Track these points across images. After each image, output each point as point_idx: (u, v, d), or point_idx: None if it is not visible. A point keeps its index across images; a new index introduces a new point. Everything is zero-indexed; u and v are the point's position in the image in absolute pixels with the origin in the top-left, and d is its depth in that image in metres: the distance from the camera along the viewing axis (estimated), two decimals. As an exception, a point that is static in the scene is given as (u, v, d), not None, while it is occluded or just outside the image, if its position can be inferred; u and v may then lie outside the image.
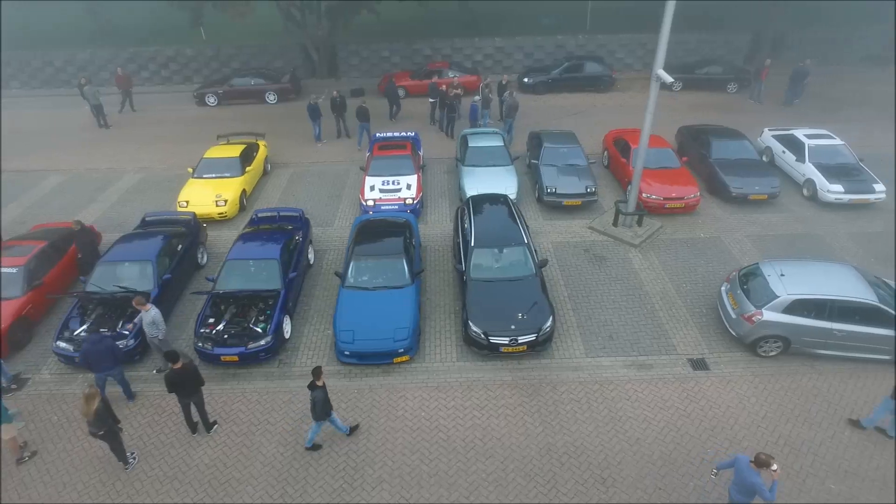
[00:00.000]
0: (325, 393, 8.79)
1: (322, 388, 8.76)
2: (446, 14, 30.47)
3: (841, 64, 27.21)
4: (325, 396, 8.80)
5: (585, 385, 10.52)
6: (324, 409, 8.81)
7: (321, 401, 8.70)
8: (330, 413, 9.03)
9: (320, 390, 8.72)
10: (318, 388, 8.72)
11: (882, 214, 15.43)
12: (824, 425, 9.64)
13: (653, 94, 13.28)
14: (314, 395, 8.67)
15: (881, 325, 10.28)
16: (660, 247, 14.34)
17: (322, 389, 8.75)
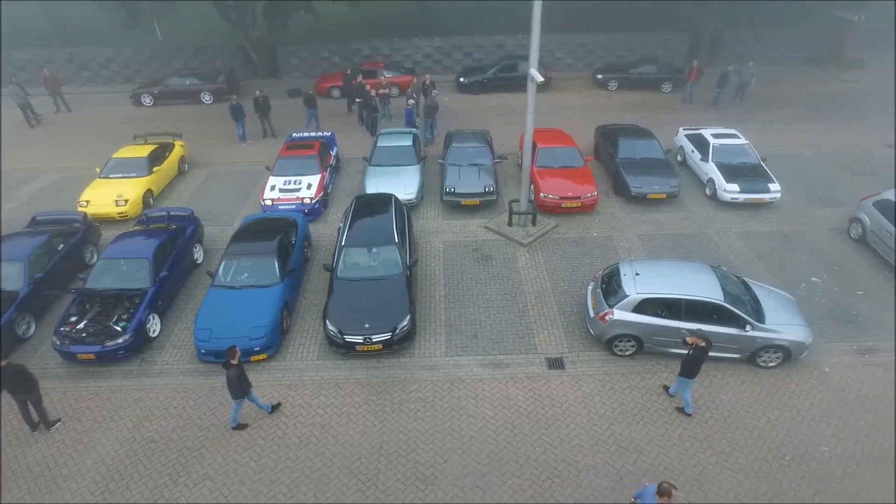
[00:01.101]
0: (239, 371, 9.06)
1: (236, 367, 9.04)
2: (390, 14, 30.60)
3: (783, 65, 27.28)
4: (240, 374, 9.09)
5: (436, 384, 10.61)
6: (240, 386, 9.13)
7: (235, 379, 9.02)
8: (248, 391, 9.35)
9: (234, 369, 9.01)
10: (233, 366, 9.01)
11: (776, 213, 15.51)
12: (658, 424, 9.72)
13: (530, 94, 13.35)
14: (228, 373, 9.03)
15: (727, 324, 10.36)
16: (549, 246, 14.42)
17: (236, 368, 9.03)
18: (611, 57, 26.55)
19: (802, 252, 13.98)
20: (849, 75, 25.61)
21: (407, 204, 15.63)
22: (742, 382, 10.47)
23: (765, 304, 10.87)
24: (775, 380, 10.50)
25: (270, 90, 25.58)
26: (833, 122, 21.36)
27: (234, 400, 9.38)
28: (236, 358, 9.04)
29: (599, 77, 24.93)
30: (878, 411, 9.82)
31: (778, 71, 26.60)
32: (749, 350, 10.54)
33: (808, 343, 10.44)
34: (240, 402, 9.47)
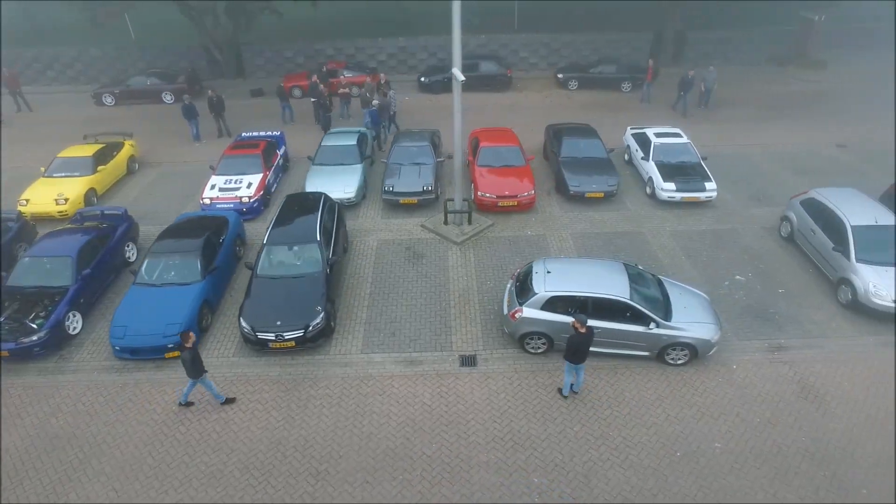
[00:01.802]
0: (193, 353, 9.46)
1: (190, 350, 9.42)
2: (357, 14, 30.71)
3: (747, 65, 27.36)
4: (194, 356, 9.49)
5: (347, 381, 10.69)
6: (194, 367, 9.54)
7: (189, 360, 9.44)
8: (202, 373, 9.72)
9: (188, 351, 9.41)
10: (187, 349, 9.40)
11: (713, 212, 15.58)
12: (558, 420, 9.79)
13: (456, 93, 13.44)
14: (183, 356, 9.45)
15: (633, 322, 10.43)
16: (482, 244, 14.50)
17: (190, 351, 9.42)
18: (575, 56, 26.65)
19: (732, 250, 14.05)
20: (810, 75, 25.68)
21: (346, 203, 15.77)
22: (649, 380, 10.54)
23: (675, 302, 10.94)
24: (682, 377, 10.57)
25: (236, 90, 25.87)
26: (787, 122, 21.47)
27: (190, 379, 9.78)
28: (190, 342, 9.43)
29: (560, 77, 25.03)
30: (776, 408, 9.89)
31: (741, 71, 26.72)
32: (656, 348, 10.61)
33: (715, 341, 10.51)
34: (194, 382, 9.88)
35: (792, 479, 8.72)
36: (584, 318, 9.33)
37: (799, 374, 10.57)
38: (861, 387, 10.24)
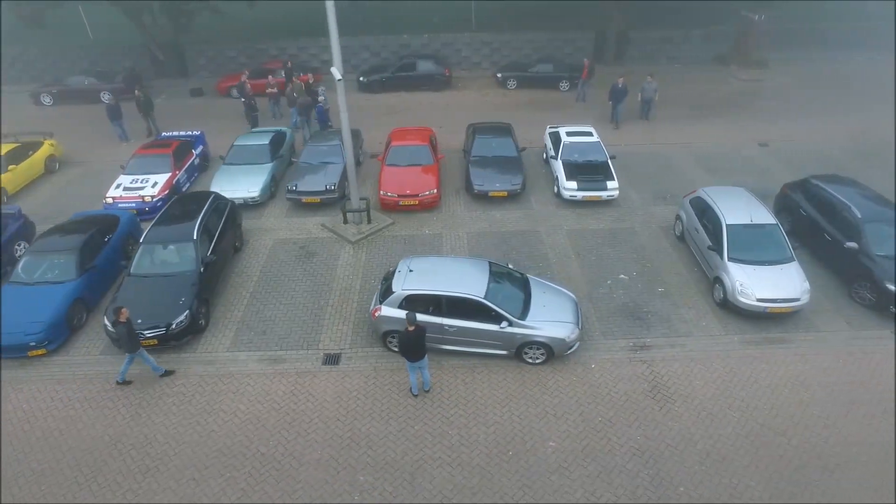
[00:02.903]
0: (128, 328, 9.86)
1: (124, 324, 9.78)
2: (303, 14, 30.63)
3: (691, 64, 27.35)
4: (129, 330, 9.91)
5: (205, 379, 10.71)
6: (130, 341, 9.98)
7: (125, 334, 9.86)
8: (138, 346, 10.17)
9: (122, 326, 9.78)
10: (121, 324, 9.76)
11: (614, 211, 15.58)
12: (402, 419, 9.80)
13: (340, 93, 13.44)
14: (118, 330, 9.85)
15: (486, 321, 10.44)
16: (377, 243, 14.52)
17: (124, 325, 9.79)
18: (518, 56, 26.63)
19: (624, 249, 14.06)
20: (750, 75, 25.64)
21: (251, 202, 15.81)
22: (504, 379, 10.55)
23: (535, 301, 10.94)
24: (538, 376, 10.58)
25: (177, 89, 25.91)
26: (716, 121, 21.45)
27: (128, 354, 10.17)
28: (124, 316, 9.79)
29: (499, 76, 25.03)
30: (621, 408, 9.89)
31: (684, 70, 26.70)
32: (513, 346, 10.62)
33: (570, 340, 10.51)
34: (131, 357, 10.26)
35: (615, 477, 8.73)
36: (413, 316, 9.35)
37: (655, 373, 10.58)
38: (711, 386, 10.25)
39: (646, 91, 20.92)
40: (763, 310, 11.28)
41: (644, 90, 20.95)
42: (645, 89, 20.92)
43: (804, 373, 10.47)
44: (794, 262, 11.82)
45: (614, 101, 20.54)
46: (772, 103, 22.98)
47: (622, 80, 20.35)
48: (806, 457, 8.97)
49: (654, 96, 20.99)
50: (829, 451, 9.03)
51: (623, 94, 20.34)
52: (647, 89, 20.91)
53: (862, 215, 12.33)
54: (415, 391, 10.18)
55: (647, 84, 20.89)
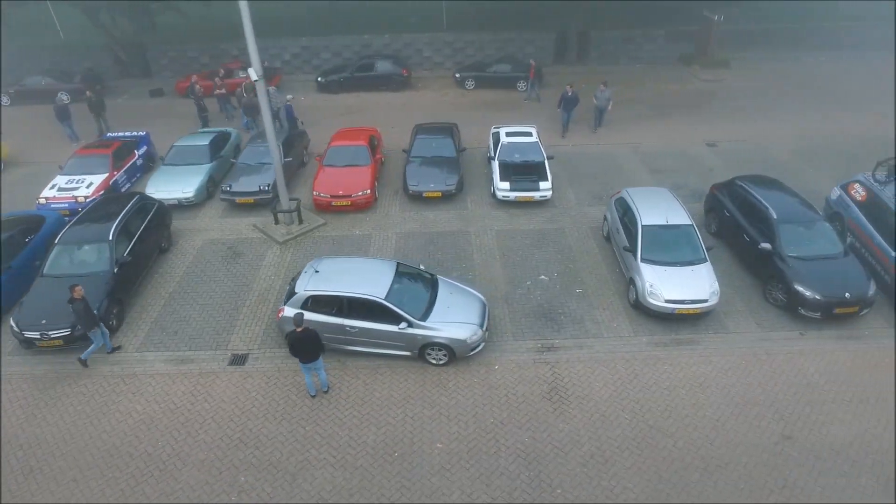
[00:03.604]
0: (85, 304, 10.19)
1: (80, 301, 10.08)
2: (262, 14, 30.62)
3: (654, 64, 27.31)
4: (86, 306, 10.24)
5: (108, 379, 10.72)
6: (87, 318, 10.27)
7: (83, 310, 10.15)
8: (96, 323, 10.53)
9: (79, 303, 10.07)
10: (77, 301, 10.03)
11: (547, 211, 15.55)
12: (294, 420, 9.80)
13: (261, 93, 13.45)
14: (75, 307, 10.10)
15: (386, 321, 10.43)
16: (305, 244, 14.52)
17: (81, 302, 10.09)
18: (480, 56, 26.62)
19: (550, 250, 14.04)
20: (711, 75, 25.59)
21: (185, 203, 15.82)
22: (405, 380, 10.55)
23: (440, 303, 10.92)
24: (440, 377, 10.57)
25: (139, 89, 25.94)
26: (670, 121, 21.44)
27: (89, 331, 10.49)
28: (79, 294, 10.09)
29: (458, 76, 25.02)
30: (515, 409, 9.87)
31: (646, 70, 26.67)
32: (415, 347, 10.60)
33: (472, 341, 10.48)
34: (94, 333, 10.61)
35: (495, 479, 8.72)
36: (301, 317, 9.35)
37: (556, 374, 10.56)
38: (610, 388, 10.23)
39: (599, 99, 19.86)
40: (671, 311, 11.26)
41: (597, 98, 19.89)
42: (598, 97, 19.85)
43: (704, 374, 10.45)
44: (707, 263, 11.79)
45: (564, 110, 19.70)
46: (727, 103, 22.94)
47: (571, 89, 19.46)
48: (689, 458, 8.95)
49: (607, 105, 19.92)
50: (712, 453, 9.01)
51: (573, 103, 19.47)
52: (600, 97, 19.81)
53: (777, 216, 12.31)
54: (312, 392, 10.18)
55: (599, 92, 19.80)
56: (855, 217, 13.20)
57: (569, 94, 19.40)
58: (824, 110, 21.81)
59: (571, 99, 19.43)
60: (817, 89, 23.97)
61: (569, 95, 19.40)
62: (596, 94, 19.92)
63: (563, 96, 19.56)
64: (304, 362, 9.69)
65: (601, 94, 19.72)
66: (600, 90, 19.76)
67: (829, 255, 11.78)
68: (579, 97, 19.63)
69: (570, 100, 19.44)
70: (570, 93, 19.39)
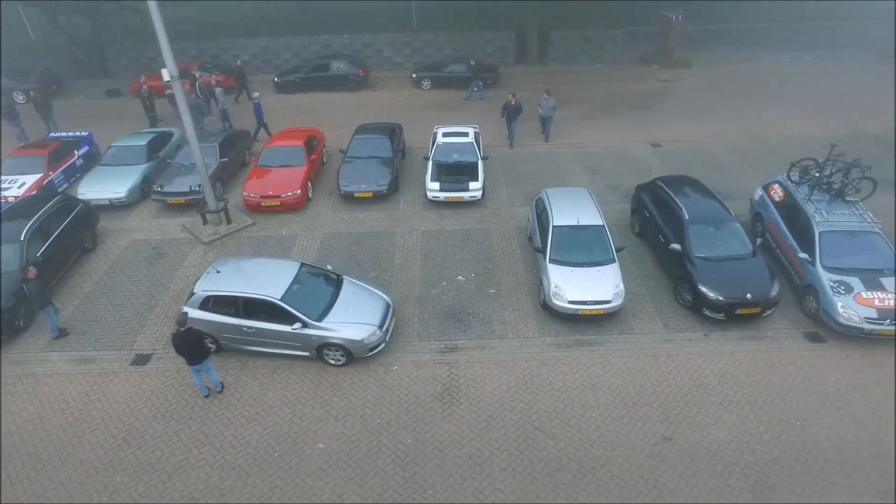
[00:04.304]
0: (40, 283, 10.86)
1: (34, 281, 10.68)
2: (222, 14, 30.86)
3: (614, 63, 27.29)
4: (41, 286, 10.93)
5: (7, 380, 10.71)
6: (41, 297, 10.82)
7: (37, 289, 10.71)
8: (49, 303, 11.02)
9: (33, 282, 10.65)
10: (31, 280, 10.63)
11: (477, 212, 15.53)
12: (182, 420, 9.81)
13: (178, 94, 13.45)
14: (29, 286, 10.64)
15: (282, 322, 10.43)
16: (230, 244, 14.52)
17: (34, 282, 10.68)
18: (438, 56, 26.63)
19: (473, 250, 14.03)
20: (669, 75, 25.56)
21: (117, 203, 15.84)
22: (302, 380, 10.55)
23: (340, 303, 10.92)
24: (336, 378, 10.58)
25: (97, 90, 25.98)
26: (619, 120, 21.42)
27: (42, 310, 11.00)
28: (32, 274, 10.71)
29: (414, 76, 25.02)
30: (404, 410, 9.86)
31: (605, 70, 26.65)
32: (312, 347, 10.61)
33: (369, 342, 10.48)
34: (47, 311, 11.09)
35: (368, 480, 8.72)
36: (184, 317, 9.37)
37: (453, 375, 10.56)
38: (503, 389, 10.22)
39: (543, 108, 18.97)
40: (575, 312, 11.26)
41: (541, 107, 19.01)
42: (542, 106, 18.96)
43: (600, 375, 10.44)
44: (615, 264, 11.78)
45: (508, 120, 18.84)
46: (680, 103, 22.91)
47: (514, 97, 18.71)
48: (566, 459, 8.95)
49: (552, 114, 19.06)
50: (590, 454, 9.01)
51: (517, 112, 18.68)
52: (544, 106, 18.91)
53: (689, 217, 12.30)
54: (204, 392, 10.19)
55: (543, 101, 18.92)
56: (772, 217, 13.20)
57: (512, 103, 18.63)
58: (777, 111, 21.78)
59: (515, 108, 18.65)
60: (775, 90, 23.92)
61: (512, 104, 18.63)
62: (540, 102, 19.11)
63: (506, 105, 18.78)
64: (189, 363, 9.71)
65: (545, 102, 18.89)
66: (544, 99, 18.93)
67: (737, 256, 11.77)
68: (522, 106, 18.96)
69: (514, 109, 18.66)
70: (513, 101, 18.63)
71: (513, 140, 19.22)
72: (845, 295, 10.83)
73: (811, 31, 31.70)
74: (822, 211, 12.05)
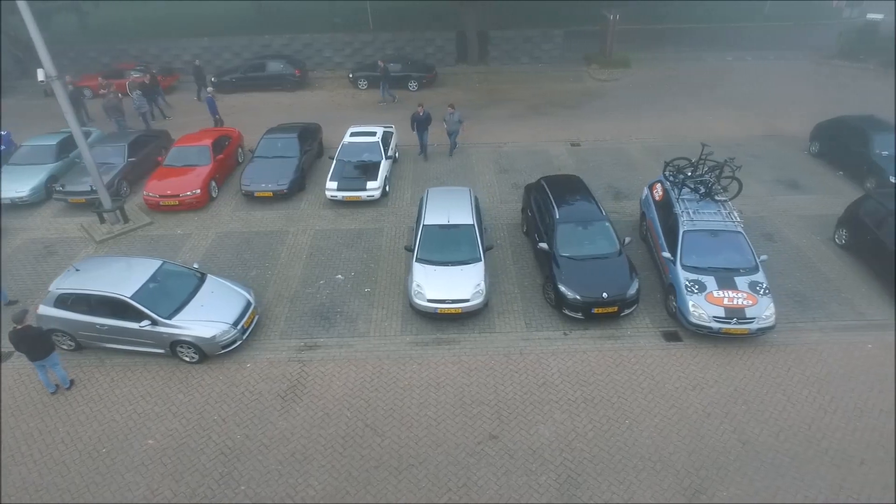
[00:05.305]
0: None
1: None
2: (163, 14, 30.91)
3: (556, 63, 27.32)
4: None
5: None
6: None
7: None
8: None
9: None
10: None
11: (373, 212, 15.59)
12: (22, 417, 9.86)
13: (60, 95, 13.54)
14: None
15: (133, 319, 10.49)
16: (122, 243, 14.59)
17: None
18: (378, 56, 26.65)
19: (360, 249, 14.09)
20: (606, 74, 25.59)
21: (18, 202, 15.93)
22: (154, 376, 10.61)
23: (196, 301, 11.00)
24: (188, 374, 10.62)
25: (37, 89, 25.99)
26: (544, 120, 21.47)
27: None
28: None
29: (351, 76, 25.08)
30: (244, 406, 9.92)
31: (546, 70, 26.69)
32: (164, 344, 10.67)
33: (221, 339, 10.55)
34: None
35: (186, 476, 8.78)
36: (21, 314, 9.49)
37: (304, 373, 10.61)
38: (348, 386, 10.27)
39: (448, 123, 18.13)
40: (434, 311, 11.30)
41: (446, 122, 18.16)
42: (447, 121, 18.13)
43: (447, 374, 10.49)
44: (480, 263, 11.82)
45: (419, 131, 18.26)
46: (610, 103, 22.96)
47: (422, 108, 18.07)
48: (387, 457, 9.00)
49: (457, 129, 18.23)
50: (412, 452, 9.06)
51: (426, 123, 18.11)
52: (449, 121, 18.08)
53: (559, 216, 12.35)
54: (51, 389, 10.26)
55: (448, 115, 18.04)
56: (651, 216, 13.24)
57: (420, 115, 17.98)
58: (703, 110, 21.78)
59: (423, 119, 18.03)
60: (707, 90, 23.93)
61: (420, 116, 17.99)
62: (445, 117, 18.18)
63: (415, 117, 18.10)
64: (31, 359, 9.78)
65: (450, 116, 18.01)
66: (449, 113, 18.03)
67: (601, 256, 11.81)
68: (431, 116, 18.28)
69: (422, 120, 18.04)
70: (422, 113, 17.97)
71: (425, 151, 18.69)
72: (697, 294, 10.87)
73: (765, 32, 31.84)
74: (690, 210, 12.09)
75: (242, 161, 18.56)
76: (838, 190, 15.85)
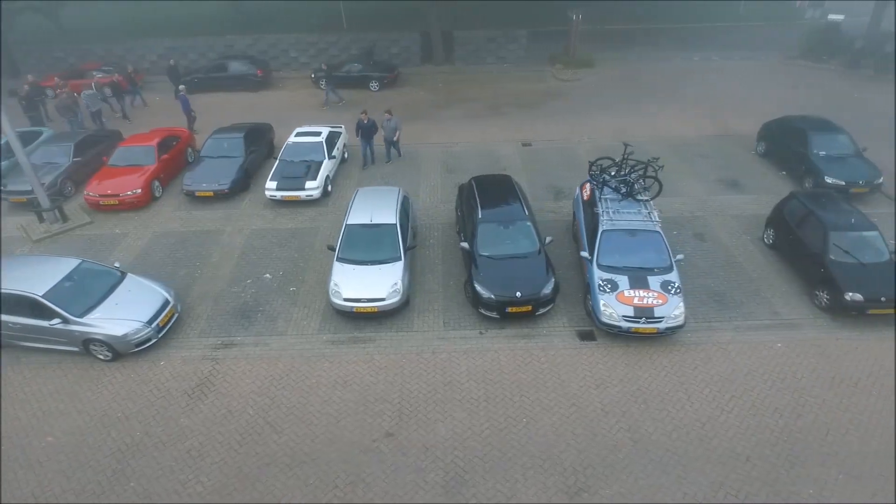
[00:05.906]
0: None
1: None
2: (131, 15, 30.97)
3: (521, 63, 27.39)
4: None
5: None
6: None
7: None
8: None
9: None
10: None
11: (312, 211, 15.64)
12: (-72, 413, 9.97)
13: (-10, 93, 13.59)
14: None
15: (41, 317, 10.55)
16: (59, 243, 14.66)
17: None
18: (343, 56, 26.76)
19: (292, 249, 14.14)
20: (568, 74, 25.63)
21: (-38, 201, 16.02)
22: (67, 375, 10.67)
23: (112, 300, 11.07)
24: (101, 372, 10.68)
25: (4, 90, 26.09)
26: (499, 121, 21.51)
27: None
28: None
29: (313, 76, 25.16)
30: (150, 404, 9.98)
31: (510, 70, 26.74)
32: (77, 342, 10.74)
33: (134, 338, 10.63)
34: None
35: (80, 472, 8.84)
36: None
37: (215, 371, 10.66)
38: (256, 384, 10.32)
39: (385, 130, 17.80)
40: (350, 309, 11.36)
41: (384, 128, 17.82)
42: (385, 127, 17.79)
43: (356, 372, 10.54)
44: (400, 262, 11.87)
45: (363, 140, 17.75)
46: (568, 103, 22.98)
47: (365, 115, 17.55)
48: (280, 454, 9.05)
49: (393, 135, 17.89)
50: (306, 449, 9.11)
51: (371, 130, 17.72)
52: (386, 127, 17.75)
53: (481, 216, 12.40)
54: None
55: (386, 122, 17.72)
56: (578, 216, 13.28)
57: (364, 122, 17.50)
58: (659, 110, 21.82)
59: (368, 126, 17.55)
60: (668, 90, 23.95)
61: (365, 123, 17.50)
62: (383, 123, 17.83)
63: (360, 124, 17.59)
64: None
65: (387, 123, 17.71)
66: (386, 119, 17.72)
67: (520, 255, 11.85)
68: (377, 125, 17.84)
69: (367, 127, 17.56)
70: (366, 120, 17.50)
71: (370, 159, 18.17)
72: (609, 293, 10.91)
73: (736, 32, 31.87)
74: (611, 210, 12.13)
75: (193, 160, 18.63)
76: (778, 190, 15.84)
